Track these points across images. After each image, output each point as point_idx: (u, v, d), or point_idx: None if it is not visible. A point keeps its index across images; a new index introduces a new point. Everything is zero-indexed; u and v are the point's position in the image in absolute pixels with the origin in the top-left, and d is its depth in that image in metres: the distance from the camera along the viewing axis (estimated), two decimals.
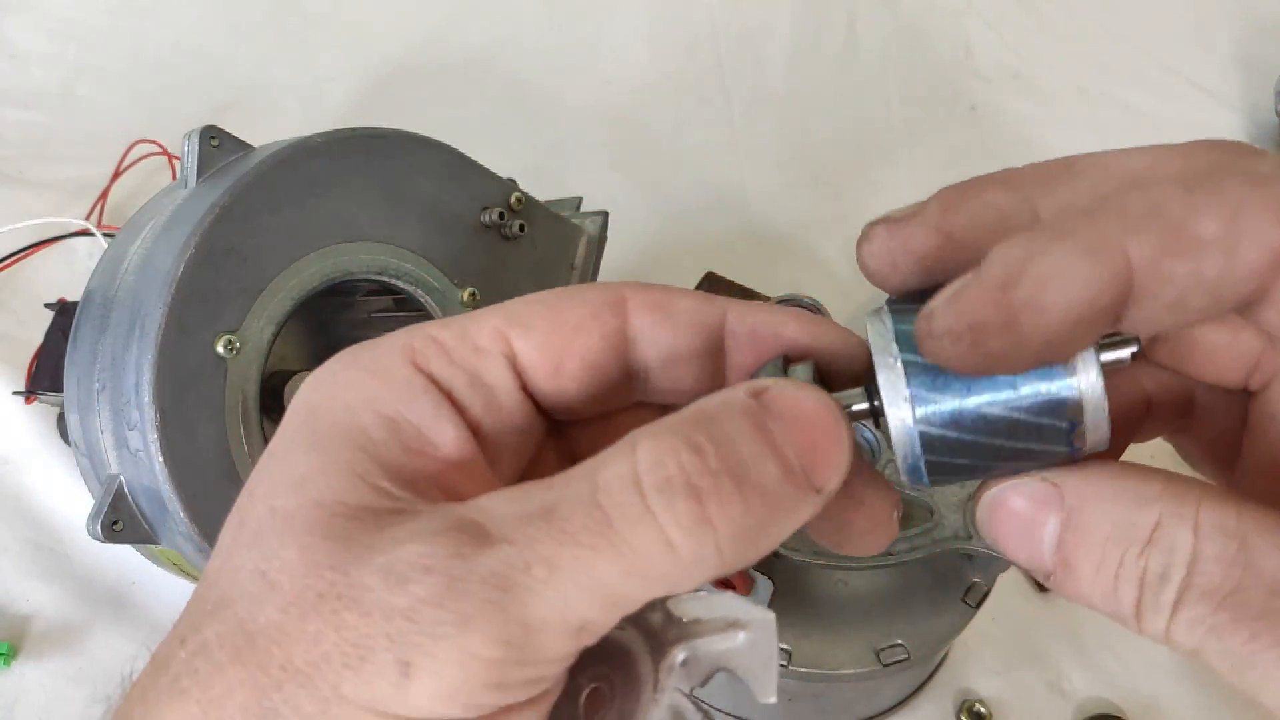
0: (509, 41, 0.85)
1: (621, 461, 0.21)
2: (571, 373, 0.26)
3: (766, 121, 0.85)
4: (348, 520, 0.22)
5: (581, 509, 0.21)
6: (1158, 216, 0.21)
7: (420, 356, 0.25)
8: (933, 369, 0.23)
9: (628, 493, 0.21)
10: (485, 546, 0.21)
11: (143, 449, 0.44)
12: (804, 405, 0.23)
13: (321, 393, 0.25)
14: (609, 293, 0.26)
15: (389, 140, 0.50)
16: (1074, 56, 0.90)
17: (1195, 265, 0.21)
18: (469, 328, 0.25)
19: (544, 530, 0.21)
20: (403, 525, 0.22)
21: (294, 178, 0.47)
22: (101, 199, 0.67)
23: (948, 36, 0.90)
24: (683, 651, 0.25)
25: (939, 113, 0.86)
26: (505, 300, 0.26)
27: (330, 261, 0.48)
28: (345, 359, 0.26)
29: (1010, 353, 0.22)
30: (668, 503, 0.21)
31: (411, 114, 0.56)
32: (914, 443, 0.23)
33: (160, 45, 0.80)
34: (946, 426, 0.23)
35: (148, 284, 0.46)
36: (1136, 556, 0.22)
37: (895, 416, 0.23)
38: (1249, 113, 0.87)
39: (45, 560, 0.58)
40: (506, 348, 0.25)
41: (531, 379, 0.26)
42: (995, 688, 0.60)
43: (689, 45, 0.88)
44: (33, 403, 0.59)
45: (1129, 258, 0.21)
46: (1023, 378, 0.23)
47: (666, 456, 0.21)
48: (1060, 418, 0.23)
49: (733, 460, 0.21)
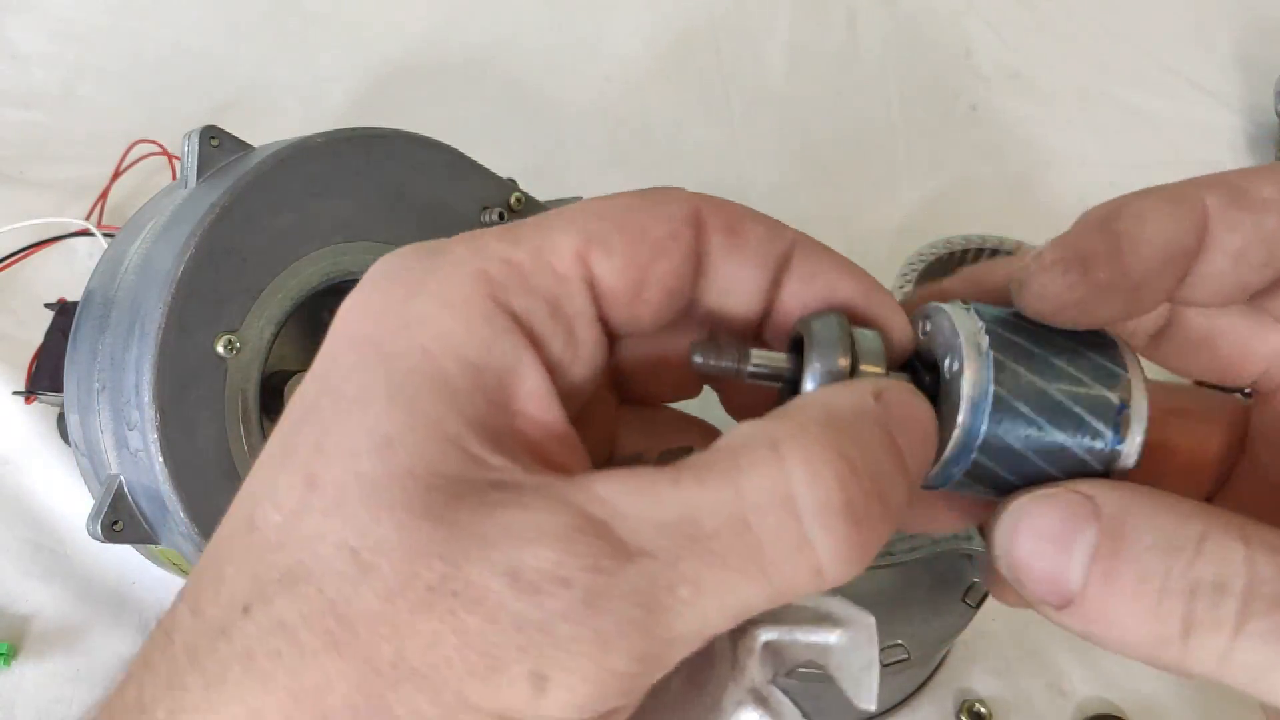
0: (509, 41, 0.85)
1: (768, 473, 0.20)
2: (649, 300, 0.23)
3: (766, 121, 0.85)
4: (447, 497, 0.20)
5: (729, 528, 0.19)
6: (1223, 180, 0.23)
7: (497, 286, 0.22)
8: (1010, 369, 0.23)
9: (781, 515, 0.19)
10: (625, 561, 0.19)
11: (143, 449, 0.44)
12: (919, 415, 0.22)
13: (388, 326, 0.22)
14: (685, 206, 0.23)
15: (389, 140, 0.50)
16: (1074, 56, 0.90)
17: (1258, 218, 0.23)
18: (543, 247, 0.22)
19: (689, 549, 0.19)
20: (512, 511, 0.20)
21: (294, 178, 0.47)
22: (101, 199, 0.67)
23: (948, 36, 0.90)
24: (766, 634, 0.24)
25: (939, 113, 0.86)
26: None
27: (330, 261, 0.48)
28: (407, 280, 0.22)
29: (1113, 283, 0.23)
30: (827, 529, 0.19)
31: (411, 114, 0.56)
32: (974, 439, 0.23)
33: (160, 45, 0.80)
34: (1010, 427, 0.23)
35: (148, 284, 0.46)
36: (1186, 566, 0.20)
37: (966, 413, 0.23)
38: (1249, 113, 0.87)
39: (45, 560, 0.58)
40: (587, 272, 0.22)
41: (609, 308, 0.23)
42: (995, 688, 0.60)
43: (689, 45, 0.88)
44: (33, 403, 0.59)
45: (1205, 205, 0.23)
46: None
47: (823, 473, 0.20)
48: (1107, 419, 0.23)
49: (881, 482, 0.20)
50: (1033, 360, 0.24)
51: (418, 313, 0.21)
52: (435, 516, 0.19)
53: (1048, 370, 0.24)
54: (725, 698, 0.23)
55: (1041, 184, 0.83)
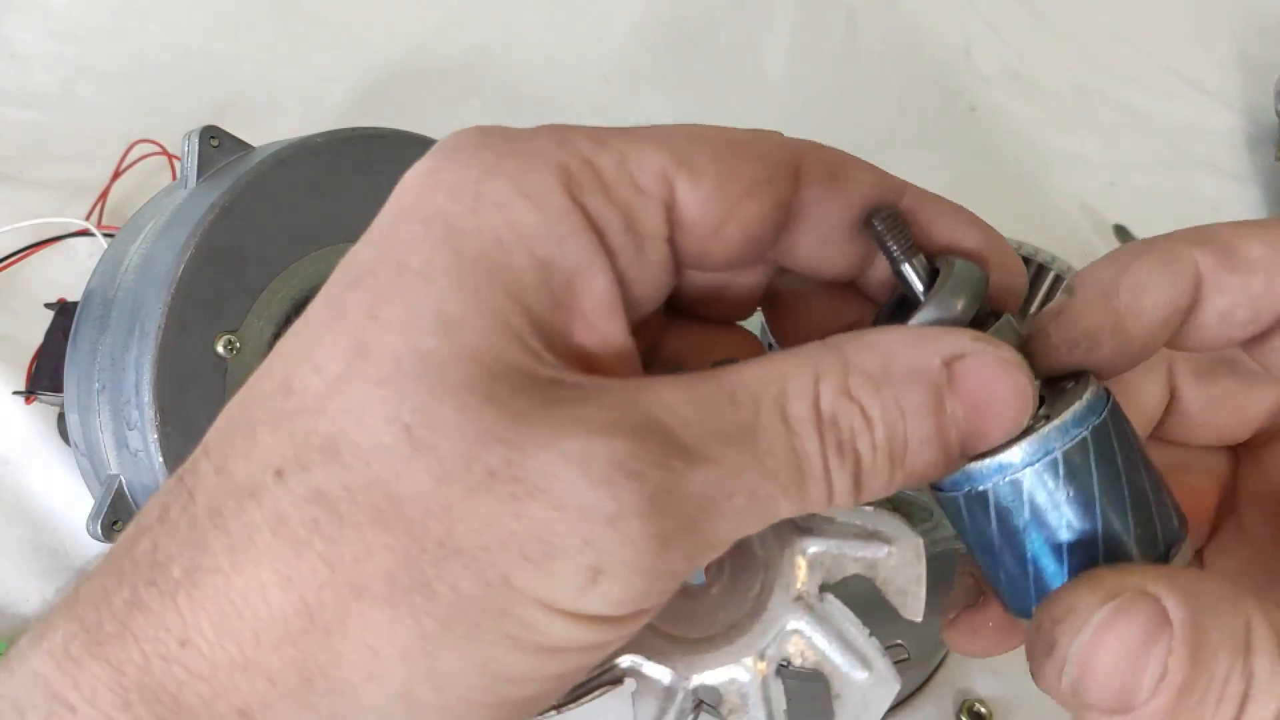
0: (509, 41, 0.85)
1: (807, 400, 0.20)
2: (726, 239, 0.22)
3: (766, 121, 0.84)
4: (512, 385, 0.19)
5: (781, 446, 0.20)
6: (1215, 238, 0.24)
7: (576, 184, 0.21)
8: None
9: (814, 443, 0.20)
10: (692, 463, 0.19)
11: (143, 449, 0.44)
12: (997, 389, 0.21)
13: (461, 204, 0.21)
14: (786, 151, 0.23)
15: (389, 140, 0.50)
16: (1074, 56, 0.90)
17: (1245, 279, 0.23)
18: (629, 156, 0.21)
19: (749, 460, 0.20)
20: (582, 406, 0.19)
21: (294, 178, 0.47)
22: (101, 199, 0.67)
23: (948, 36, 0.90)
24: (815, 546, 0.24)
25: (939, 113, 0.86)
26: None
27: (330, 262, 0.48)
28: (483, 160, 0.21)
29: (1118, 355, 0.24)
30: (839, 463, 0.20)
31: (411, 114, 0.56)
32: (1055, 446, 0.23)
33: (160, 45, 0.80)
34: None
35: (148, 284, 0.46)
36: (1243, 664, 0.20)
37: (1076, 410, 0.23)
38: (1249, 113, 0.87)
39: (45, 560, 0.58)
40: (668, 193, 0.22)
41: (682, 236, 0.22)
42: (995, 688, 0.60)
43: (689, 45, 0.88)
44: (33, 403, 0.59)
45: (1196, 265, 0.23)
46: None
47: (842, 414, 0.20)
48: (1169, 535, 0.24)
49: (896, 440, 0.21)
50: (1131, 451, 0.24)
51: (493, 195, 0.20)
52: (500, 401, 0.19)
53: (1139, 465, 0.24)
54: (771, 602, 0.24)
55: (1041, 184, 0.83)
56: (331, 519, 0.19)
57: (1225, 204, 0.82)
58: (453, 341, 0.19)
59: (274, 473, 0.19)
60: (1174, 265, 0.24)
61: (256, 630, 0.19)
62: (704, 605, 0.24)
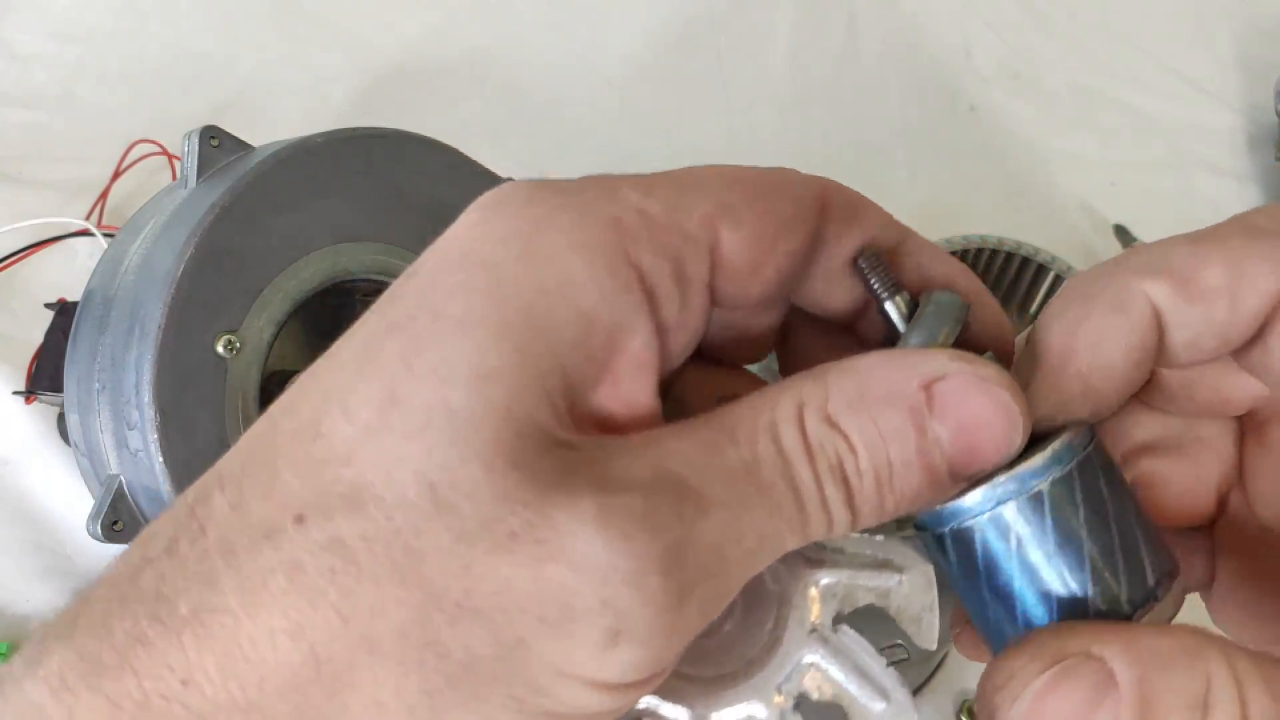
0: (509, 41, 0.85)
1: (796, 428, 0.20)
2: (765, 277, 0.23)
3: (766, 121, 0.85)
4: (537, 446, 0.19)
5: (780, 478, 0.20)
6: (1169, 265, 0.23)
7: (629, 237, 0.21)
8: None
9: (807, 470, 0.20)
10: (703, 512, 0.19)
11: (143, 449, 0.44)
12: (980, 408, 0.21)
13: (509, 254, 0.20)
14: (813, 187, 0.23)
15: (389, 140, 0.50)
16: (1074, 56, 0.90)
17: (1206, 310, 0.23)
18: (678, 204, 0.21)
19: (755, 497, 0.20)
20: (595, 466, 0.19)
21: (294, 178, 0.47)
22: (101, 199, 0.67)
23: (948, 36, 0.90)
24: (827, 578, 0.24)
25: (939, 113, 0.86)
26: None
27: (330, 261, 0.48)
28: (534, 214, 0.21)
29: (1099, 409, 0.23)
30: (834, 490, 0.20)
31: (411, 114, 0.56)
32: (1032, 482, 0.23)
33: (160, 45, 0.80)
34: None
35: (148, 284, 0.46)
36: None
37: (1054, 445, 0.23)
38: (1249, 113, 0.87)
39: (45, 560, 0.58)
40: (714, 239, 0.22)
41: (722, 278, 0.22)
42: None
43: (689, 45, 0.88)
44: (33, 403, 0.59)
45: (1152, 303, 0.23)
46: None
47: (826, 440, 0.20)
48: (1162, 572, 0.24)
49: (880, 464, 0.21)
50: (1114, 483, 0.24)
51: (543, 248, 0.20)
52: (524, 465, 0.19)
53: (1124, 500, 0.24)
54: (786, 636, 0.24)
55: (1041, 184, 0.83)
56: (349, 569, 0.19)
57: (1225, 204, 0.82)
58: (485, 397, 0.19)
59: (294, 517, 0.19)
60: (1127, 311, 0.23)
61: (263, 676, 0.19)
62: (719, 643, 0.24)
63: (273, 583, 0.19)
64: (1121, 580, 0.23)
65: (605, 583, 0.18)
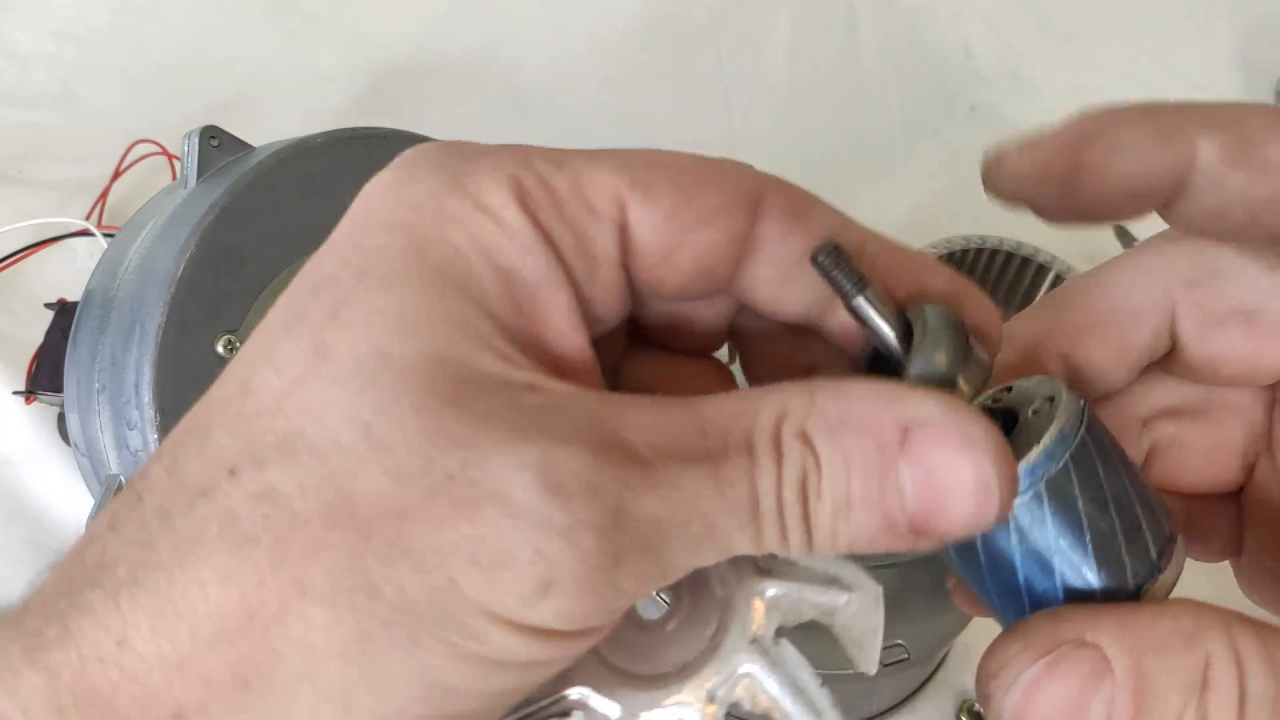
0: (509, 41, 0.85)
1: (770, 437, 0.20)
2: (678, 267, 0.22)
3: (766, 121, 0.85)
4: (476, 389, 0.19)
5: (742, 479, 0.19)
6: (1239, 128, 0.22)
7: (531, 201, 0.21)
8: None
9: (771, 480, 0.20)
10: (653, 486, 0.19)
11: (143, 449, 0.44)
12: (953, 468, 0.20)
13: (424, 217, 0.21)
14: (747, 183, 0.22)
15: (389, 140, 0.50)
16: (1074, 56, 0.90)
17: (1250, 181, 0.21)
18: (583, 176, 0.21)
19: (710, 489, 0.19)
20: (548, 414, 0.19)
21: (294, 178, 0.47)
22: (101, 199, 0.67)
23: (948, 36, 0.90)
24: (773, 589, 0.24)
25: (939, 113, 0.86)
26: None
27: None
28: (444, 176, 0.21)
29: (1057, 210, 0.22)
30: (794, 505, 0.20)
31: (411, 114, 0.56)
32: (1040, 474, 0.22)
33: (160, 45, 0.80)
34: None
35: (148, 284, 0.46)
36: (1196, 704, 0.20)
37: (1049, 438, 0.22)
38: None
39: (45, 560, 0.58)
40: (621, 215, 0.21)
41: (634, 262, 0.22)
42: None
43: (689, 45, 0.88)
44: (33, 403, 0.59)
45: (1196, 154, 0.22)
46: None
47: (794, 455, 0.20)
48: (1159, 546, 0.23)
49: (839, 492, 0.20)
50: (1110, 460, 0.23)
51: (455, 209, 0.21)
52: (462, 404, 0.19)
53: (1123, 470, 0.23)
54: (726, 643, 0.23)
55: None
56: (282, 515, 0.18)
57: None
58: (415, 343, 0.19)
59: (227, 472, 0.19)
60: (1168, 143, 0.22)
61: (192, 628, 0.19)
62: (658, 641, 0.24)
63: (206, 535, 0.19)
64: (1125, 560, 0.22)
65: (540, 532, 0.18)
